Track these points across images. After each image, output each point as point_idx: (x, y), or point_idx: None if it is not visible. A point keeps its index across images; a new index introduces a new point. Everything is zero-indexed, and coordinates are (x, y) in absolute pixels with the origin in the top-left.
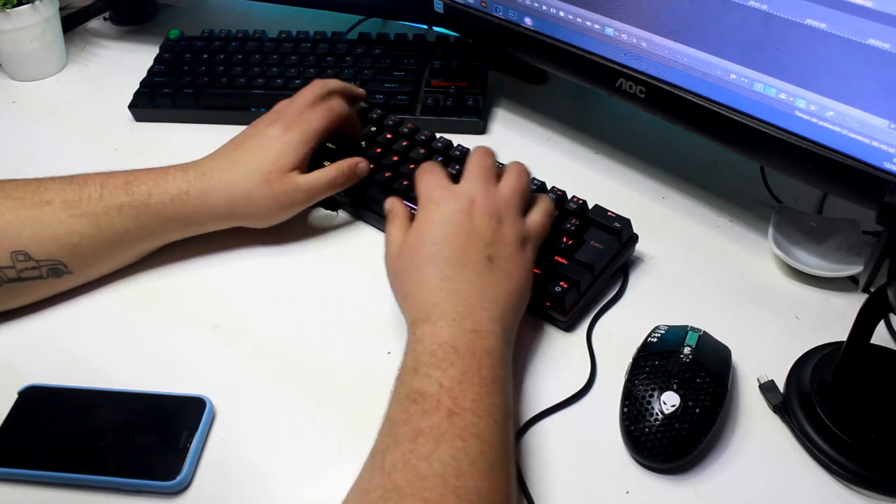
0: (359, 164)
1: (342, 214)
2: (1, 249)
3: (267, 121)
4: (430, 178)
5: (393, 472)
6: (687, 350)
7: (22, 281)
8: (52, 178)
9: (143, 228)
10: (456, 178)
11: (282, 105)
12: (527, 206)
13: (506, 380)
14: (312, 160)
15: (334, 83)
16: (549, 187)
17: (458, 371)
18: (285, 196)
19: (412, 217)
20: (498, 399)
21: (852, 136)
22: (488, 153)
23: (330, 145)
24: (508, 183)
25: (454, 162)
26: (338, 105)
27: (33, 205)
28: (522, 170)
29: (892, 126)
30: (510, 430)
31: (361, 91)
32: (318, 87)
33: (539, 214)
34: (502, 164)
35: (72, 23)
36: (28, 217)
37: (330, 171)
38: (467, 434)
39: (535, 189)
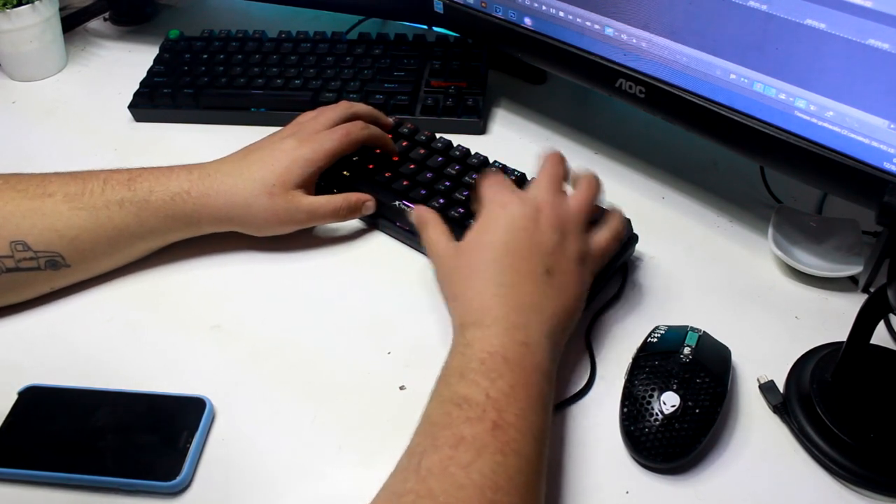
0: (366, 202)
1: None
2: (0, 238)
3: (284, 133)
4: (496, 183)
5: (428, 478)
6: (687, 350)
7: (20, 272)
8: (57, 173)
9: (142, 225)
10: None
11: (304, 118)
12: (594, 220)
13: (549, 399)
14: (326, 182)
15: (362, 108)
16: (606, 204)
17: (507, 383)
18: (285, 213)
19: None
20: (541, 417)
21: (852, 136)
22: (560, 161)
23: (345, 173)
24: (578, 196)
25: (454, 162)
26: (356, 129)
27: (35, 196)
28: (594, 182)
29: (892, 126)
30: (546, 447)
31: (389, 120)
32: (343, 108)
33: (606, 234)
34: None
35: (72, 23)
36: (29, 208)
37: (335, 200)
38: (508, 449)
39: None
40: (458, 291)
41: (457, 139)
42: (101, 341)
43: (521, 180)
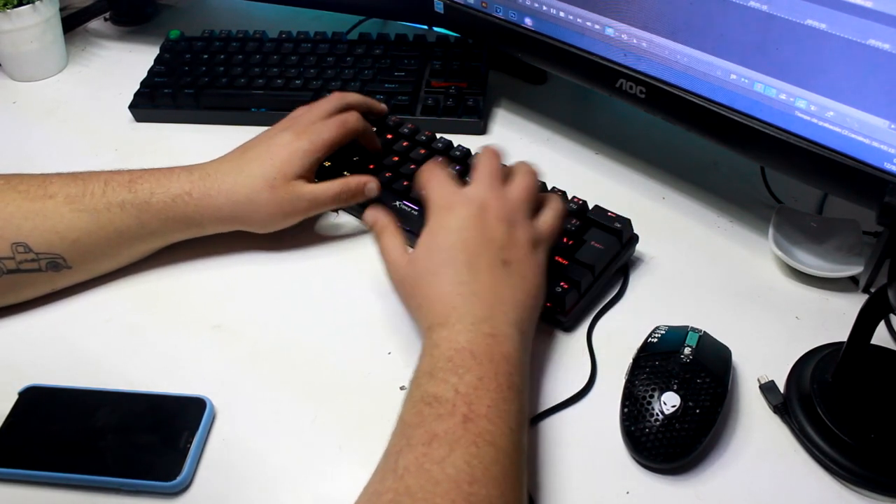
0: (367, 183)
1: (342, 214)
2: (2, 241)
3: (280, 127)
4: (437, 182)
5: (405, 476)
6: (687, 350)
7: (20, 273)
8: (58, 174)
9: (143, 227)
10: (460, 178)
11: (298, 112)
12: (536, 206)
13: (522, 387)
14: (332, 173)
15: (354, 97)
16: (549, 187)
17: (475, 377)
18: (288, 203)
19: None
20: (514, 407)
21: (852, 136)
22: (495, 155)
23: (346, 173)
24: (518, 185)
25: (454, 162)
26: (352, 119)
27: (36, 197)
28: (530, 170)
29: (893, 126)
30: (524, 438)
31: (382, 107)
32: (336, 99)
33: (550, 216)
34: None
35: (72, 23)
36: (30, 210)
37: (335, 185)
38: (482, 441)
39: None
40: (420, 298)
41: (457, 139)
42: (101, 341)
43: (465, 156)
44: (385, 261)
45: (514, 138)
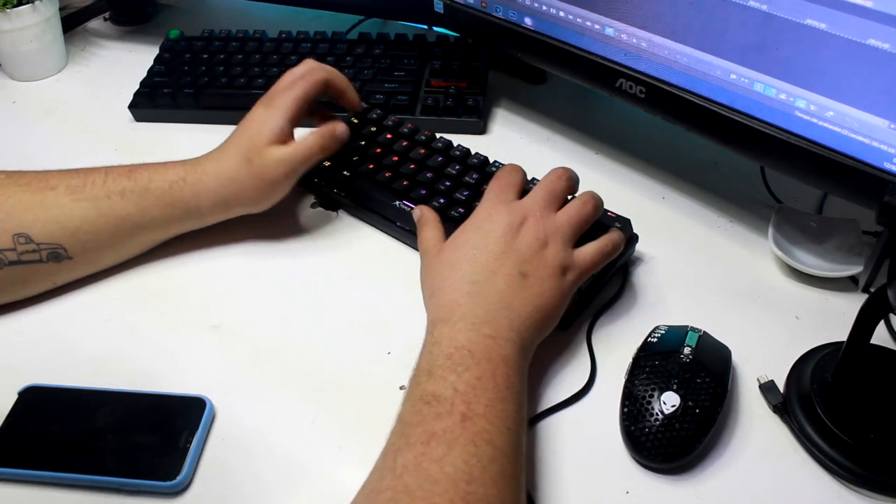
0: (336, 127)
1: (342, 214)
2: (3, 232)
3: (255, 105)
4: (499, 185)
5: (404, 474)
6: (687, 350)
7: (22, 264)
8: (59, 170)
9: (144, 214)
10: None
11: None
12: (585, 236)
13: (520, 389)
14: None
15: (326, 67)
16: (614, 215)
17: (473, 376)
18: (267, 171)
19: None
20: (511, 407)
21: (852, 136)
22: (562, 177)
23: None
24: (568, 211)
25: (454, 162)
26: (318, 70)
27: (38, 190)
28: (589, 200)
29: (892, 126)
30: (523, 439)
31: (354, 97)
32: (303, 64)
33: (592, 249)
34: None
35: (72, 23)
36: (32, 201)
37: (307, 139)
38: (479, 440)
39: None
40: (435, 288)
41: (457, 139)
42: (101, 341)
43: (465, 156)
44: (420, 249)
45: (513, 138)
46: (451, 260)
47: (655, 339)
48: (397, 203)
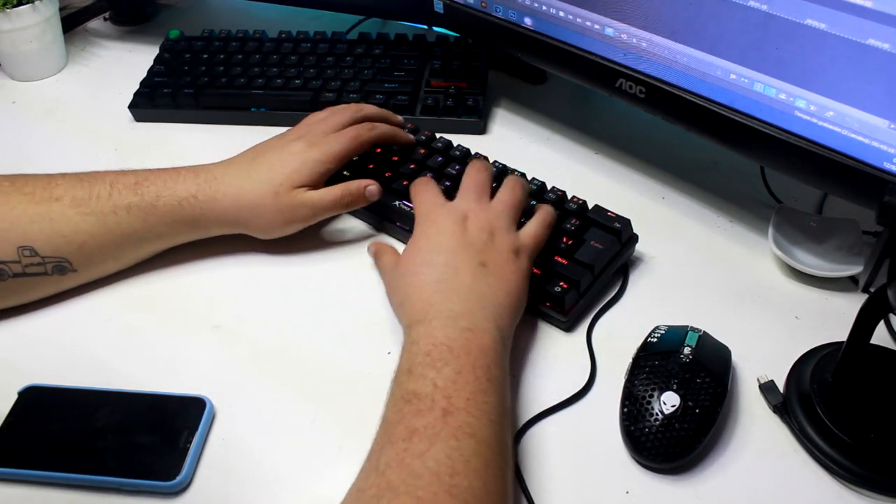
0: (368, 186)
1: (342, 214)
2: (8, 244)
3: (293, 136)
4: (424, 196)
5: (387, 471)
6: (687, 350)
7: (26, 276)
8: (63, 175)
9: (150, 230)
10: (450, 192)
11: (313, 119)
12: (524, 217)
13: (502, 380)
14: (334, 176)
15: (370, 109)
16: (549, 187)
17: (453, 370)
18: (290, 211)
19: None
20: (493, 398)
21: (852, 136)
22: (482, 168)
23: (345, 173)
24: (501, 198)
25: (454, 162)
26: (365, 132)
27: (42, 200)
28: (517, 184)
29: (892, 126)
30: (506, 429)
31: (399, 118)
32: (352, 110)
33: (534, 226)
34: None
35: (72, 23)
36: (37, 213)
37: (335, 190)
38: (461, 433)
39: (535, 189)
40: (403, 295)
41: (457, 139)
42: (101, 341)
43: (465, 156)
44: (379, 270)
45: (513, 138)
46: (410, 268)
47: (655, 339)
48: (397, 203)
